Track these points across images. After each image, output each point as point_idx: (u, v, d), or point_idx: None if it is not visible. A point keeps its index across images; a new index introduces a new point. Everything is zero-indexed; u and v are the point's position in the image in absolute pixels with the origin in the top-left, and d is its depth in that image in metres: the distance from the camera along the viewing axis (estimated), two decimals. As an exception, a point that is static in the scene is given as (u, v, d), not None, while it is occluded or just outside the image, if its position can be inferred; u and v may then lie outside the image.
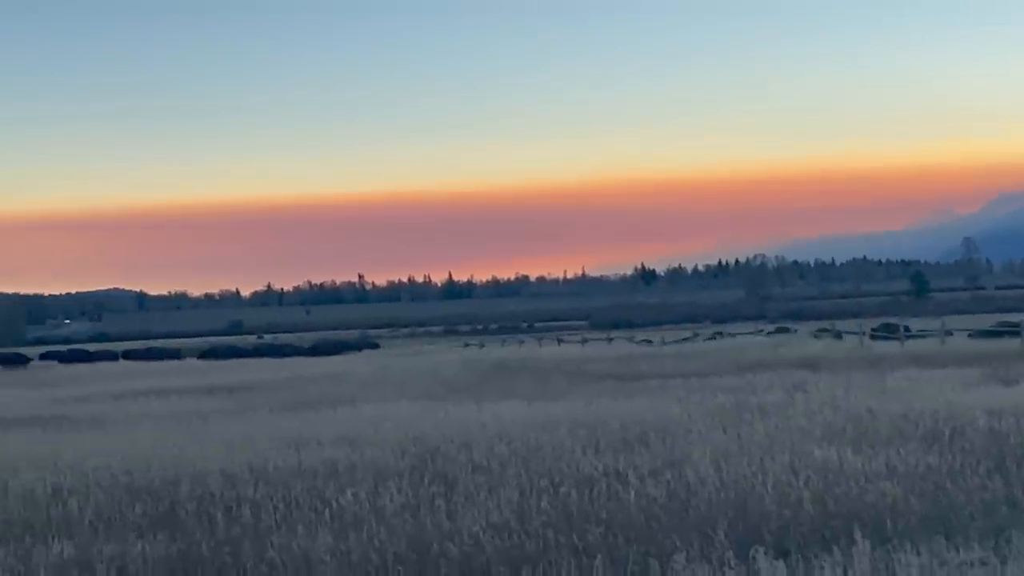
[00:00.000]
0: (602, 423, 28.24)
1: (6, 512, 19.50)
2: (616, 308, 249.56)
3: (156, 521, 18.38)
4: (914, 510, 15.91)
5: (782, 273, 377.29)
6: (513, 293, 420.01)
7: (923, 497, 16.69)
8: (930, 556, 13.16)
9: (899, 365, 46.55)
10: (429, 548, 15.02)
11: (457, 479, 20.48)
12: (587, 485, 18.83)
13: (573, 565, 13.78)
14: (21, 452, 27.54)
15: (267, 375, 70.11)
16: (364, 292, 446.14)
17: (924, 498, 16.64)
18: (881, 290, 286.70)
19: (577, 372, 56.17)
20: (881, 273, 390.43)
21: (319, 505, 18.50)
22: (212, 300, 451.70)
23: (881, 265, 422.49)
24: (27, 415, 42.62)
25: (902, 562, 12.90)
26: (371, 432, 28.76)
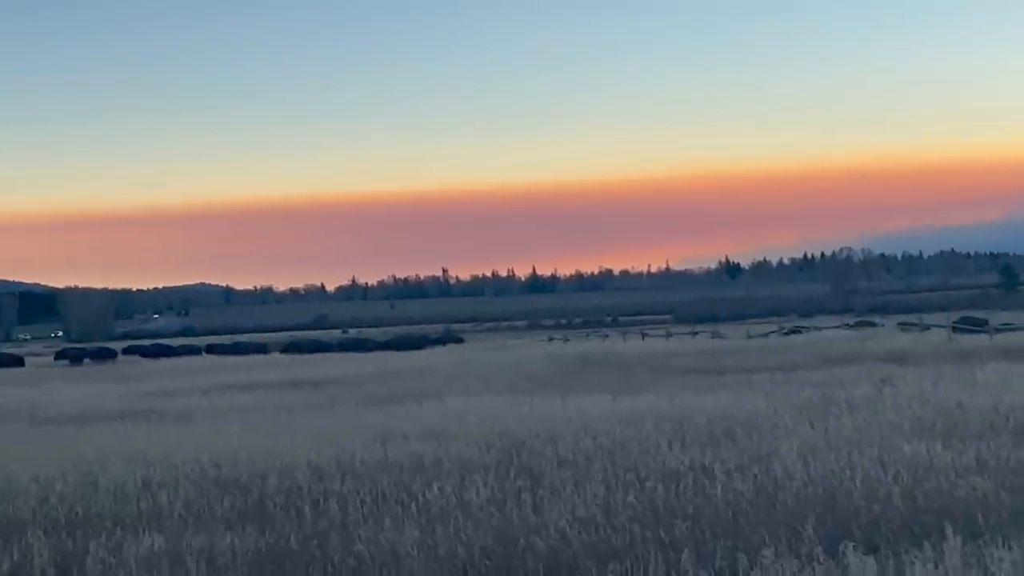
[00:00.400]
0: (687, 417, 28.15)
1: (97, 505, 19.71)
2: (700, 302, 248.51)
3: (244, 514, 18.52)
4: (1005, 505, 15.75)
5: (868, 266, 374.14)
6: (597, 287, 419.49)
7: (1014, 492, 16.52)
8: (1021, 551, 13.00)
9: (988, 358, 46.03)
10: (515, 542, 15.02)
11: (543, 473, 20.48)
12: (673, 480, 18.77)
13: (660, 560, 13.73)
14: (111, 446, 27.84)
15: (352, 369, 70.41)
16: (448, 286, 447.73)
17: (1015, 493, 16.46)
18: (970, 283, 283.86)
19: (661, 366, 56.01)
20: (970, 266, 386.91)
21: (406, 499, 18.56)
22: (297, 295, 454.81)
23: (970, 258, 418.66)
24: (116, 409, 43.08)
25: (993, 557, 12.75)
26: (456, 426, 28.82)
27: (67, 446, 28.77)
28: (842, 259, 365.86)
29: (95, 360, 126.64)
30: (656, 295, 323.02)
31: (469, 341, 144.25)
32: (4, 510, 19.56)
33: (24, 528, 17.76)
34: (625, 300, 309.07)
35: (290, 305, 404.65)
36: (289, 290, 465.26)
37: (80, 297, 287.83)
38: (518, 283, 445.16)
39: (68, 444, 29.40)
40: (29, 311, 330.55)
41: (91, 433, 32.84)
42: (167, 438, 29.61)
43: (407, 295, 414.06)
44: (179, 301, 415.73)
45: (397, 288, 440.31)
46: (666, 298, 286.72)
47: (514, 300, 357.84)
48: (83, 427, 35.41)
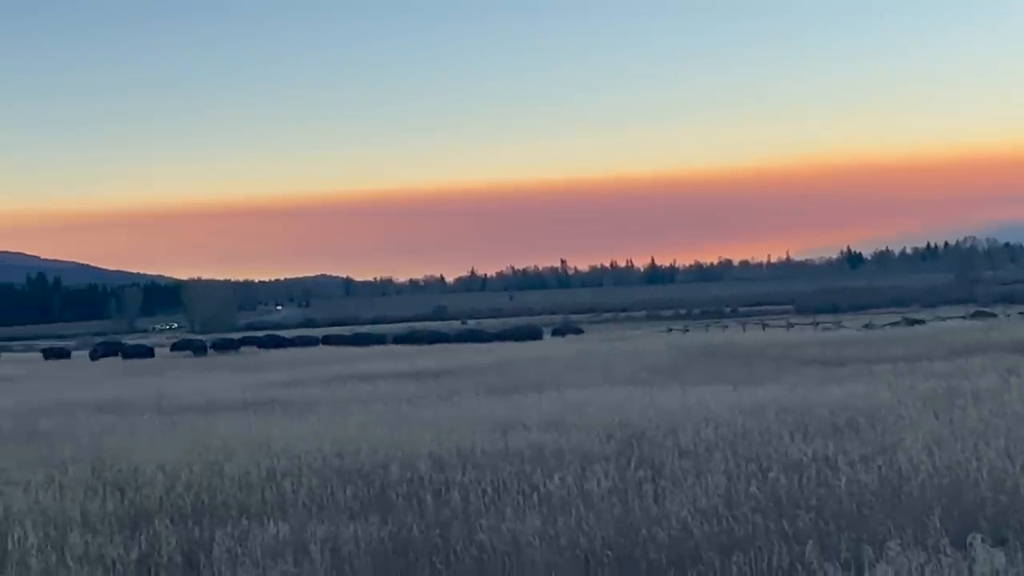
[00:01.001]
0: (809, 408, 27.92)
1: (223, 494, 19.94)
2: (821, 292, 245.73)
3: (367, 504, 18.64)
4: None
5: (993, 256, 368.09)
6: (716, 278, 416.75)
7: None
8: None
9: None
10: (637, 533, 14.99)
11: (664, 464, 20.40)
12: (796, 471, 18.61)
13: (784, 551, 13.63)
14: (236, 436, 28.18)
15: (472, 360, 70.63)
16: (567, 277, 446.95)
17: None
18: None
19: (783, 357, 55.60)
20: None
21: (527, 489, 18.57)
22: (417, 286, 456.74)
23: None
24: (240, 399, 43.55)
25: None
26: (577, 416, 28.81)
27: (193, 436, 29.16)
28: (966, 248, 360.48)
29: (218, 351, 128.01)
30: (776, 285, 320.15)
31: (588, 332, 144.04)
32: (132, 499, 19.86)
33: (151, 517, 18.02)
34: (745, 290, 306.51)
35: (409, 296, 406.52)
36: (409, 281, 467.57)
37: (204, 289, 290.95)
38: (637, 274, 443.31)
39: (194, 434, 29.80)
40: (153, 303, 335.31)
41: (216, 423, 33.23)
42: (290, 428, 29.90)
43: (526, 286, 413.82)
44: (300, 293, 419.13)
45: (516, 279, 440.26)
46: (786, 288, 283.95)
47: (633, 291, 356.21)
48: (208, 417, 35.83)
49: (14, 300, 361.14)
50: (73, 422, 36.27)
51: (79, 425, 34.94)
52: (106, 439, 29.79)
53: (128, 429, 32.71)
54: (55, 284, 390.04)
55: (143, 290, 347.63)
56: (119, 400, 46.92)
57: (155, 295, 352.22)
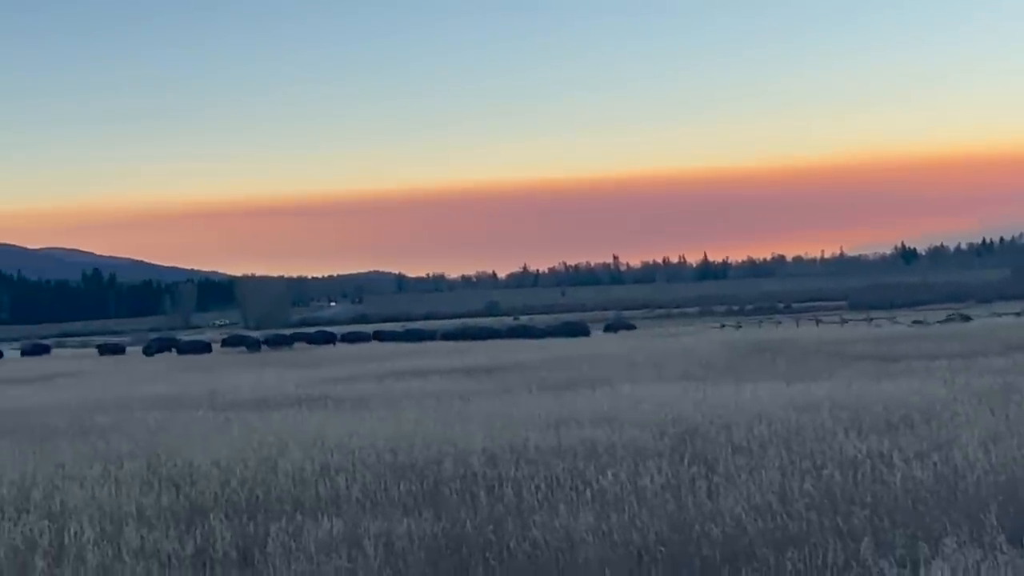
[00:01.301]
0: (864, 405, 27.80)
1: (277, 489, 20.04)
2: (875, 288, 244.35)
3: (421, 499, 18.69)
4: None
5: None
6: (769, 273, 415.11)
7: None
8: None
9: None
10: (690, 529, 14.97)
11: (717, 460, 20.37)
12: (851, 467, 18.56)
13: (839, 548, 13.58)
14: (289, 431, 28.30)
15: (525, 356, 70.63)
16: (619, 273, 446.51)
17: None
18: None
19: (836, 353, 55.32)
20: None
21: (580, 485, 18.58)
22: (469, 282, 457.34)
23: None
24: (293, 395, 43.72)
25: None
26: (629, 413, 28.78)
27: (247, 431, 29.30)
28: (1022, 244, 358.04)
29: (271, 347, 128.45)
30: (830, 281, 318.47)
31: (640, 328, 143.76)
32: (187, 494, 19.98)
33: (206, 512, 18.11)
34: (798, 286, 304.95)
35: (461, 292, 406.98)
36: (461, 277, 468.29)
37: (257, 285, 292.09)
38: (689, 269, 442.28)
39: (248, 429, 29.95)
40: (207, 299, 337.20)
41: (270, 418, 33.37)
42: (344, 424, 29.98)
43: (578, 282, 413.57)
44: (353, 289, 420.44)
45: (568, 275, 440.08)
46: (840, 284, 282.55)
47: (685, 287, 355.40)
48: (262, 413, 35.99)
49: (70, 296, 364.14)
50: (128, 417, 36.52)
51: (134, 420, 35.19)
52: (161, 435, 30.00)
53: (182, 425, 32.91)
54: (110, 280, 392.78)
55: (197, 286, 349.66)
56: (173, 396, 47.22)
57: (209, 291, 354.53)
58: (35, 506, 19.08)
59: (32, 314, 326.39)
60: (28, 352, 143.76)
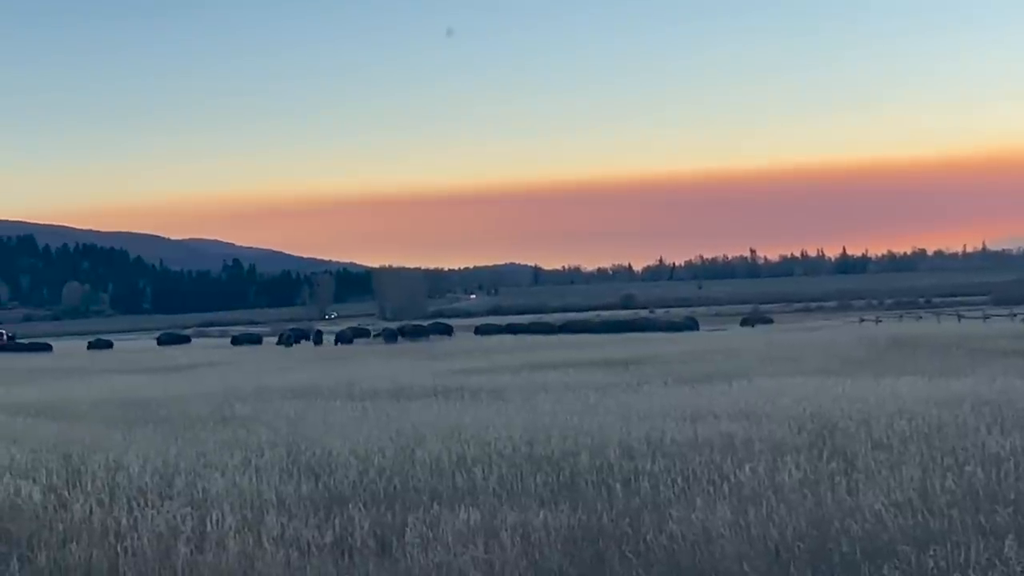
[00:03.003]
0: (1008, 401, 27.34)
1: (414, 479, 20.15)
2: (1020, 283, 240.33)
3: (557, 491, 18.68)
4: None
5: None
6: (909, 267, 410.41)
7: None
8: None
9: None
10: (829, 525, 14.82)
11: (856, 455, 20.15)
12: (994, 464, 18.25)
13: (981, 546, 13.36)
14: (425, 422, 28.48)
15: (661, 349, 70.46)
16: (756, 266, 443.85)
17: None
18: None
19: (979, 349, 54.49)
20: None
21: (717, 479, 18.47)
22: (604, 275, 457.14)
23: None
24: (429, 386, 43.99)
25: None
26: (767, 406, 28.57)
27: (384, 421, 29.55)
28: None
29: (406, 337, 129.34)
30: (973, 276, 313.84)
31: (778, 322, 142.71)
32: (326, 483, 20.17)
33: (345, 501, 18.28)
34: (940, 281, 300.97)
35: (597, 285, 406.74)
36: (597, 270, 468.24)
37: (394, 277, 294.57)
38: (828, 263, 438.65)
39: (385, 419, 30.19)
40: (344, 290, 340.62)
41: (406, 409, 33.62)
42: (480, 415, 30.11)
43: (715, 275, 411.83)
44: (489, 281, 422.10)
45: (704, 268, 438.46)
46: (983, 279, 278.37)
47: (823, 280, 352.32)
48: (398, 403, 36.27)
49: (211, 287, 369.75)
50: (267, 407, 37.01)
51: (273, 410, 35.64)
52: (300, 424, 30.34)
53: (320, 414, 33.25)
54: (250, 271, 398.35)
55: (335, 277, 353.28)
56: (311, 386, 47.73)
57: (346, 282, 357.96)
58: (178, 493, 19.37)
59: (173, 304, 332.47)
60: (165, 341, 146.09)
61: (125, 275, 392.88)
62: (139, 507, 18.00)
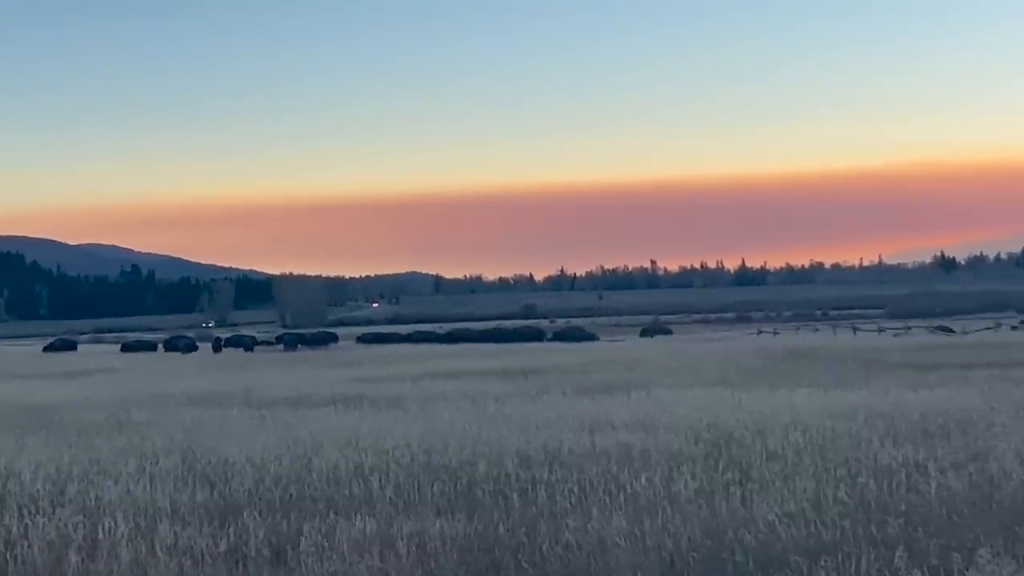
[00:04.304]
0: (900, 413, 27.69)
1: (311, 488, 20.06)
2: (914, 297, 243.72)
3: (454, 500, 18.68)
4: None
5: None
6: (807, 280, 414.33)
7: None
8: None
9: None
10: (724, 535, 14.94)
11: (751, 466, 20.32)
12: (885, 476, 18.48)
13: (872, 557, 13.52)
14: (324, 430, 28.34)
15: (561, 359, 70.61)
16: (656, 277, 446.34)
17: None
18: None
19: (873, 361, 55.15)
20: None
21: (613, 489, 18.55)
22: (506, 284, 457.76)
23: None
24: (328, 394, 43.76)
25: None
26: (665, 417, 28.73)
27: (282, 429, 29.38)
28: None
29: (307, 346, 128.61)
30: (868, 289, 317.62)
31: (677, 333, 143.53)
32: (221, 491, 20.02)
33: (240, 509, 18.15)
34: (836, 294, 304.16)
35: (498, 295, 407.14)
36: (498, 279, 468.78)
37: (294, 284, 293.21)
38: (727, 275, 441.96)
39: (283, 427, 30.02)
40: (244, 297, 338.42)
41: (305, 417, 33.46)
42: (378, 424, 30.02)
43: (615, 286, 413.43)
44: (390, 290, 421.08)
45: (605, 279, 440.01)
46: (878, 292, 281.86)
47: (723, 292, 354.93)
48: (297, 411, 36.07)
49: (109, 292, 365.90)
50: (164, 413, 36.67)
51: (170, 416, 35.32)
52: (196, 431, 30.08)
53: (218, 422, 32.99)
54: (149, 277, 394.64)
55: (235, 284, 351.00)
56: (209, 393, 47.34)
57: (246, 289, 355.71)
58: (70, 501, 19.15)
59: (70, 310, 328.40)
60: (53, 348, 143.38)
61: (21, 280, 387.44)
62: (30, 514, 17.80)
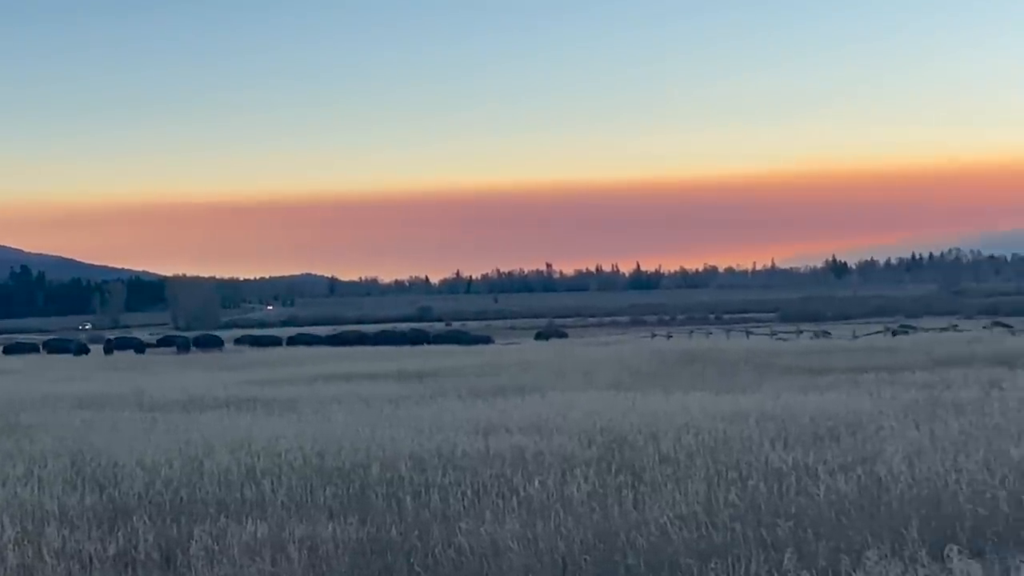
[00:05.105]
0: (791, 416, 27.95)
1: (202, 492, 19.91)
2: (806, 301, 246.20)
3: (347, 504, 18.62)
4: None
5: (977, 267, 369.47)
6: (701, 284, 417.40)
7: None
8: None
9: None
10: (616, 538, 15.00)
11: (644, 469, 20.43)
12: (776, 479, 18.65)
13: (762, 559, 13.64)
14: (216, 433, 28.12)
15: (456, 361, 70.56)
16: (552, 281, 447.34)
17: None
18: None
19: (765, 364, 55.60)
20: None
21: (507, 492, 18.58)
22: (401, 286, 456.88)
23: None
24: (221, 397, 43.44)
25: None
26: (559, 420, 28.80)
27: (174, 432, 29.11)
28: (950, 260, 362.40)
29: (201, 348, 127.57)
30: (761, 293, 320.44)
31: (572, 336, 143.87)
32: (111, 495, 19.82)
33: (130, 513, 17.98)
34: (730, 298, 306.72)
35: (394, 297, 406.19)
36: (394, 282, 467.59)
37: (187, 286, 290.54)
38: (622, 278, 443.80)
39: (175, 430, 29.75)
40: (137, 299, 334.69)
41: (197, 420, 33.19)
42: (271, 427, 29.85)
43: (511, 289, 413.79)
44: (285, 291, 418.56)
45: (501, 282, 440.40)
46: (771, 296, 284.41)
47: (617, 296, 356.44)
48: (189, 414, 35.77)
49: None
50: (53, 416, 36.21)
51: (60, 419, 34.88)
52: (86, 434, 29.72)
53: (108, 424, 32.63)
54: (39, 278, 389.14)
55: (127, 286, 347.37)
56: (100, 395, 46.81)
57: (139, 291, 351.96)
58: (-45, 504, 18.86)
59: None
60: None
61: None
62: (-86, 519, 17.48)
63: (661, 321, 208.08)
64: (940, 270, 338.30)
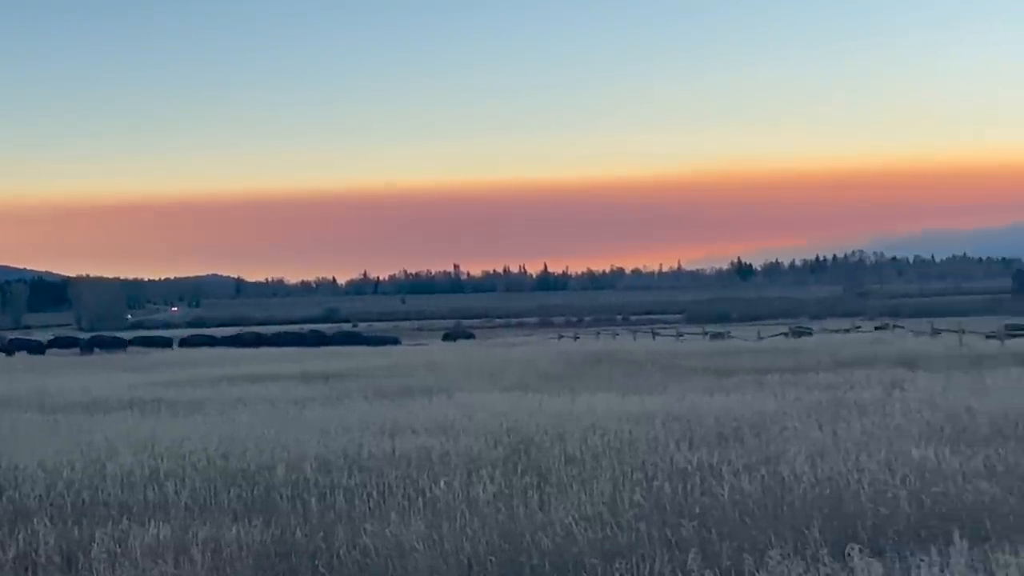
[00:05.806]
0: (696, 417, 28.10)
1: (104, 494, 19.71)
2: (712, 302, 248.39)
3: (251, 506, 18.51)
4: (1012, 510, 15.71)
5: (880, 269, 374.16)
6: (608, 285, 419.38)
7: (1022, 497, 16.49)
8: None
9: (1000, 364, 45.95)
10: (521, 539, 15.01)
11: (550, 470, 20.46)
12: (681, 479, 18.75)
13: (666, 559, 13.71)
14: (119, 435, 27.82)
15: (363, 362, 70.33)
16: (459, 282, 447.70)
17: (1023, 498, 16.43)
18: (981, 288, 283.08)
19: (671, 366, 55.86)
20: (981, 271, 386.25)
21: (412, 493, 18.55)
22: (308, 287, 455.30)
23: (981, 263, 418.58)
24: (125, 399, 43.02)
25: (1000, 562, 12.70)
26: (465, 421, 28.78)
27: (76, 434, 28.77)
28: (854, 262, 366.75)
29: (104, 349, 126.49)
30: (667, 294, 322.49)
31: (480, 337, 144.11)
32: (11, 497, 19.58)
33: (30, 515, 17.77)
34: (636, 299, 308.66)
35: (300, 298, 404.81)
36: (300, 283, 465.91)
37: (91, 286, 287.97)
38: (529, 280, 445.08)
39: (77, 432, 29.41)
40: (39, 299, 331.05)
41: (100, 421, 32.85)
42: (175, 428, 29.61)
43: (419, 290, 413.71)
44: (191, 292, 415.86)
45: (408, 283, 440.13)
46: (677, 298, 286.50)
47: (525, 297, 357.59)
48: (92, 416, 35.39)
49: None
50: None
51: (-41, 421, 34.35)
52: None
53: (8, 426, 32.19)
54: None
55: (29, 286, 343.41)
56: (0, 396, 46.20)
57: (42, 291, 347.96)
58: None
59: None
60: None
61: None
62: None
63: (568, 322, 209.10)
64: (844, 272, 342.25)
